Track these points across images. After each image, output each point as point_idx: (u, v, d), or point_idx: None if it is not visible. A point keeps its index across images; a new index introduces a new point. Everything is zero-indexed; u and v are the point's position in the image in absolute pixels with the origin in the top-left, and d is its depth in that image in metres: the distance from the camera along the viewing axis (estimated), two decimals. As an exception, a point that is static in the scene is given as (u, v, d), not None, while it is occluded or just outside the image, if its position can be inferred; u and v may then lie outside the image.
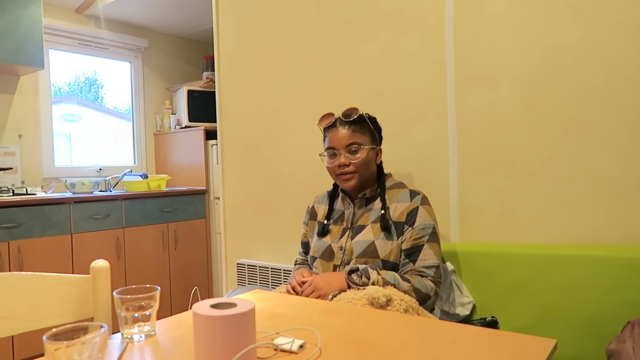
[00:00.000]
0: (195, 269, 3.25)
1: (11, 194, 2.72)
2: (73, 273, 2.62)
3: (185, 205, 3.20)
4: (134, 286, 0.84)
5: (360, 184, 1.46)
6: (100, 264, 0.99)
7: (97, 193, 2.88)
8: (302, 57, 2.22)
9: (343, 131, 1.45)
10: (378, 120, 1.55)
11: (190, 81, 3.83)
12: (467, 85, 1.74)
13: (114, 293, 0.82)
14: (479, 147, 1.72)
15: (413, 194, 1.45)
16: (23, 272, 0.96)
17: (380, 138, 1.55)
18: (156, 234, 3.03)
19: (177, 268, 3.15)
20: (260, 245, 2.45)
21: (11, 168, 2.94)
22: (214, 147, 3.25)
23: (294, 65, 2.26)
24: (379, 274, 1.29)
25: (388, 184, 1.50)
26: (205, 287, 3.33)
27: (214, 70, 3.24)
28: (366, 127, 1.48)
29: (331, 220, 1.53)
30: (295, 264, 1.66)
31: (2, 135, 2.97)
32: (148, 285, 0.84)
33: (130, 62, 3.66)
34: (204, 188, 3.30)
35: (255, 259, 2.47)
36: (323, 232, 1.52)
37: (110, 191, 3.07)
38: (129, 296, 0.81)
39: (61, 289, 0.98)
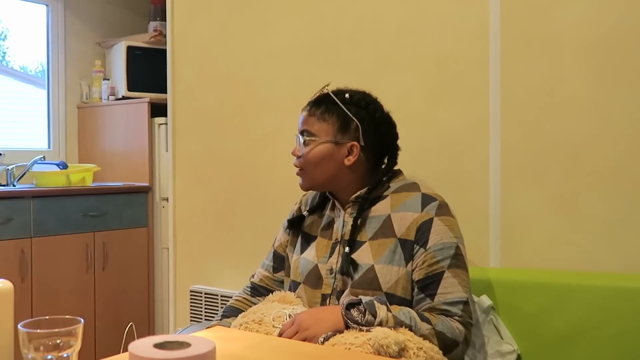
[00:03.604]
0: (131, 297, 3.24)
1: None
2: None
3: (120, 208, 3.19)
4: (47, 317, 0.84)
5: (312, 187, 1.52)
6: (0, 285, 0.99)
7: (-5, 188, 2.87)
8: (289, 6, 2.23)
9: (304, 112, 1.53)
10: (390, 98, 1.56)
11: (131, 34, 3.81)
12: (517, 52, 1.75)
13: (19, 326, 0.82)
14: (531, 137, 1.74)
15: (427, 199, 1.44)
16: None
17: (367, 129, 1.48)
18: (78, 248, 3.01)
19: (106, 295, 3.13)
20: (223, 267, 2.46)
21: None
22: (162, 127, 3.24)
23: (277, 17, 2.27)
24: (389, 309, 1.30)
25: (395, 185, 1.50)
26: (145, 322, 3.32)
27: (164, 21, 3.23)
28: (334, 110, 1.48)
29: (317, 222, 1.55)
30: (250, 281, 1.64)
31: None
32: (67, 317, 0.84)
33: (47, 6, 3.64)
34: (147, 184, 3.29)
35: (216, 285, 2.47)
36: (297, 220, 1.59)
37: (14, 186, 3.05)
38: (39, 330, 0.81)
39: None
